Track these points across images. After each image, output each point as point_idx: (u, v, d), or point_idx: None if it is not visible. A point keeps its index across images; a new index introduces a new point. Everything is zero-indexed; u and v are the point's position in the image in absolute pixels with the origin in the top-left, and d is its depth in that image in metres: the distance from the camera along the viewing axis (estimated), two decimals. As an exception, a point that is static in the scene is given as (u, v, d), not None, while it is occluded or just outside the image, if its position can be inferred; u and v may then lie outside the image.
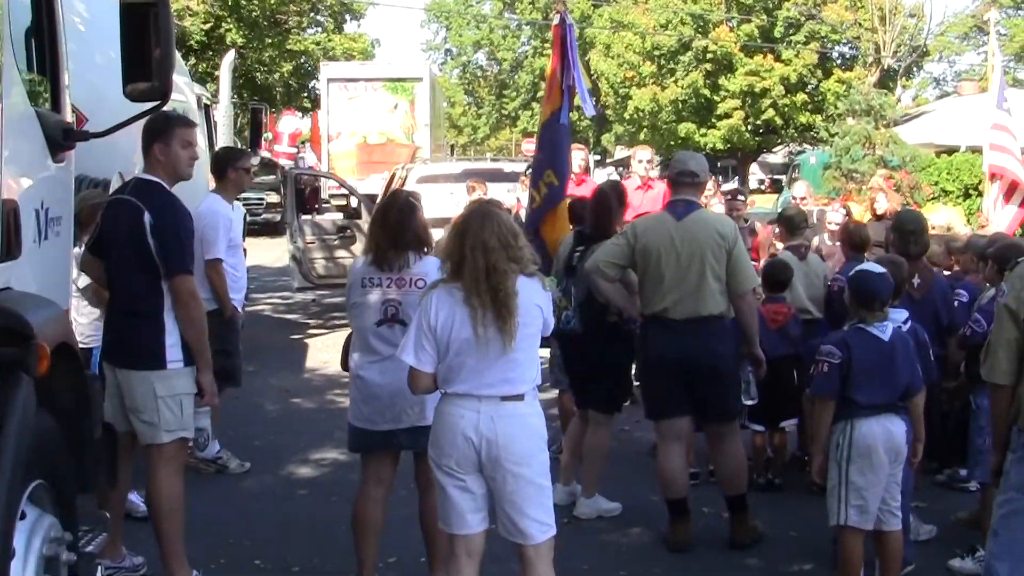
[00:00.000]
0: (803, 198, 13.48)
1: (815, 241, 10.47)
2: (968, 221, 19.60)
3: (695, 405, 7.43)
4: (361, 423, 6.33)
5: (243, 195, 29.61)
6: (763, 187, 64.71)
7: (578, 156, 12.85)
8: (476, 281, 5.09)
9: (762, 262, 10.04)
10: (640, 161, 12.66)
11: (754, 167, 66.16)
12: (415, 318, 5.28)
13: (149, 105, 5.83)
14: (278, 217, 31.23)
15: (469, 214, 5.33)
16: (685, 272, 7.20)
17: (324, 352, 14.75)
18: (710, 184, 13.71)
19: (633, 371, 8.33)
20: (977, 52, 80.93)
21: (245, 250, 16.84)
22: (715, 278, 7.21)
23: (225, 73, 13.76)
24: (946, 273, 9.09)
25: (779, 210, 14.05)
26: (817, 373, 6.38)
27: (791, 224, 9.45)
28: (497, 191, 13.84)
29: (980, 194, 32.10)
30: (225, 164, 9.33)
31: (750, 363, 7.54)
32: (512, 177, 14.85)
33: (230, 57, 14.00)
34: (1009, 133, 13.66)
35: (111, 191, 7.87)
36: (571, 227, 8.96)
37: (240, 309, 9.29)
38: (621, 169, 73.47)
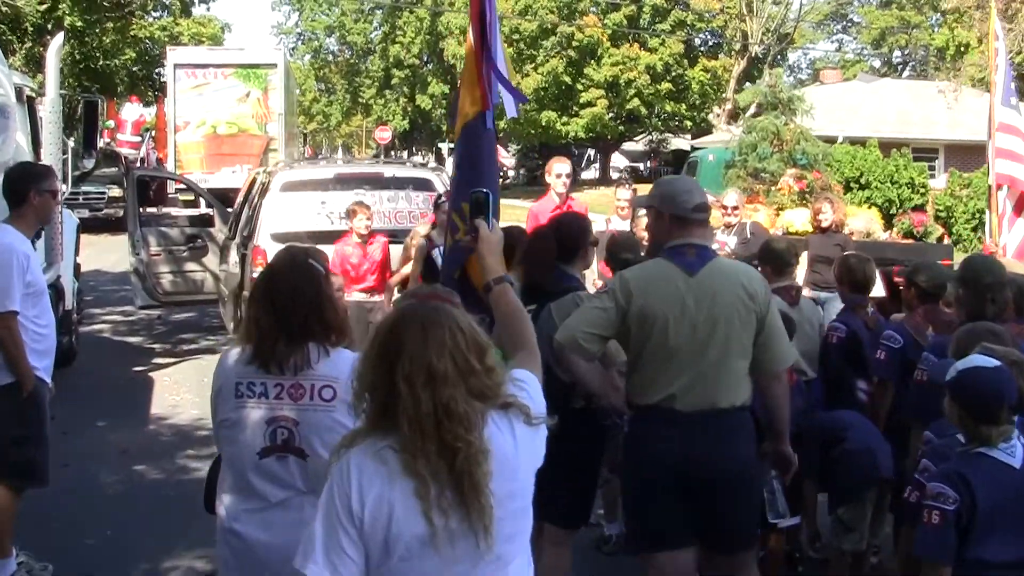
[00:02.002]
0: (735, 208, 11.52)
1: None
2: (889, 224, 18.04)
3: (700, 529, 5.34)
4: (237, 600, 4.18)
5: (83, 189, 27.38)
6: (622, 177, 63.71)
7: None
8: (420, 434, 3.00)
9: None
10: (558, 176, 10.68)
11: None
12: (323, 502, 3.12)
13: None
14: (121, 212, 28.71)
15: (400, 318, 3.16)
16: (703, 347, 5.15)
17: (173, 391, 12.47)
18: (627, 194, 11.80)
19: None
20: (831, 40, 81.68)
21: (79, 265, 14.71)
22: (741, 355, 5.21)
23: (52, 61, 11.36)
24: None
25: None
26: (924, 526, 4.33)
27: (780, 261, 7.28)
28: (376, 203, 11.75)
29: (862, 187, 31.20)
30: (22, 186, 6.91)
31: (775, 467, 5.54)
32: (395, 183, 12.65)
33: (58, 42, 11.60)
34: (1018, 135, 11.58)
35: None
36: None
37: (47, 379, 6.89)
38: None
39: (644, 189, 15.72)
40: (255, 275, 11.91)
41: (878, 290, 10.16)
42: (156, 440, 10.58)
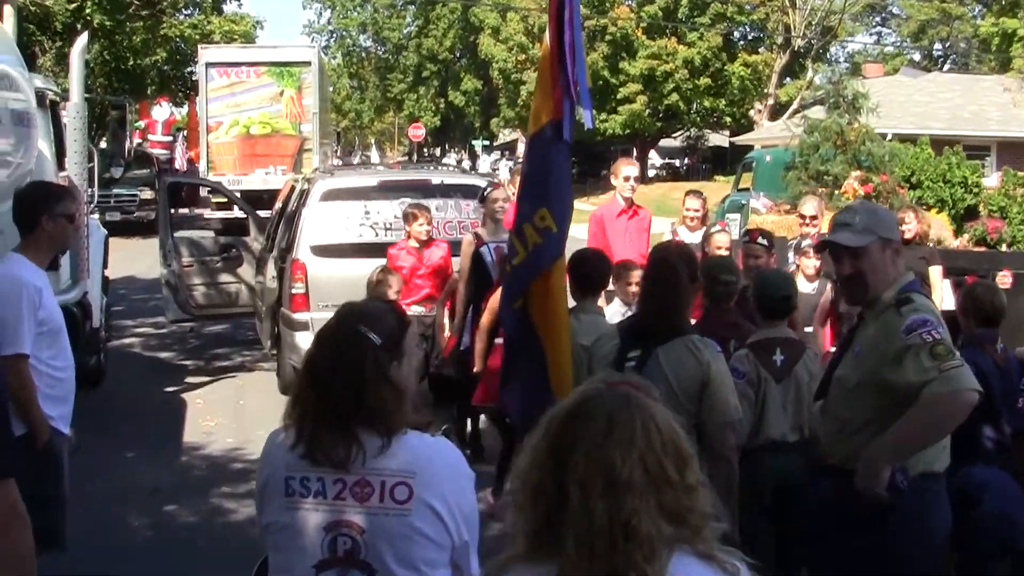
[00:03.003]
0: (813, 217, 10.41)
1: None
2: (960, 230, 17.19)
3: None
4: None
5: (115, 191, 26.88)
6: (660, 173, 62.80)
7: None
8: (588, 556, 2.19)
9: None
10: (626, 179, 9.92)
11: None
12: None
13: None
14: (153, 215, 28.07)
15: (581, 403, 2.38)
16: None
17: (208, 414, 11.72)
18: (696, 204, 10.91)
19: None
20: (869, 33, 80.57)
21: (107, 279, 13.89)
22: None
23: (76, 62, 10.58)
24: None
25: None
26: None
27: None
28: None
29: (913, 187, 30.21)
30: (34, 210, 6.05)
31: None
32: (442, 191, 11.80)
33: (81, 43, 10.81)
34: None
35: None
36: (575, 299, 6.15)
37: (65, 429, 6.04)
38: (508, 153, 71.45)
39: (682, 187, 14.63)
40: (294, 290, 11.16)
41: (949, 302, 9.22)
42: (189, 475, 9.78)
